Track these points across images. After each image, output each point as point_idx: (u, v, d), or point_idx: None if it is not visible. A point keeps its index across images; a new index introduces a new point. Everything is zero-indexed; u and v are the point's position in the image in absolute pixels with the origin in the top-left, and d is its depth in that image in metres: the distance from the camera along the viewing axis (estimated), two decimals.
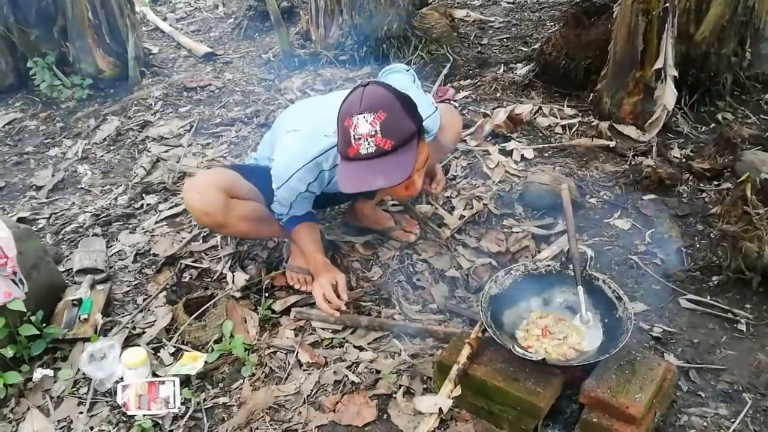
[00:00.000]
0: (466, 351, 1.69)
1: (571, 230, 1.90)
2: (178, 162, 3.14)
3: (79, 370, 2.01)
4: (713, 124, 3.19)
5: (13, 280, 1.98)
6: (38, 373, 2.00)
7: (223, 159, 3.15)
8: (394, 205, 2.67)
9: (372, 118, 1.60)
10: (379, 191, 2.16)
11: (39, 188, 3.09)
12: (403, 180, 1.65)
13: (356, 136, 1.62)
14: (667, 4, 2.91)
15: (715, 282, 2.21)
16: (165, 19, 5.18)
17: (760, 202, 2.13)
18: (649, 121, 3.09)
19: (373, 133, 1.60)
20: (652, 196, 2.68)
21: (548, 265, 1.94)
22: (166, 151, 3.27)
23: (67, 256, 2.55)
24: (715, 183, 2.74)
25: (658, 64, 3.00)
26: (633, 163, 2.92)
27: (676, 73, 3.03)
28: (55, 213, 2.88)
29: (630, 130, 3.12)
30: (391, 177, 1.64)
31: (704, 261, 2.30)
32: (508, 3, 5.20)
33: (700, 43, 3.17)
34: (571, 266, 1.87)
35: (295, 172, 1.96)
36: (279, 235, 2.34)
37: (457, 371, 1.65)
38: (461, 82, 3.80)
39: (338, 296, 2.07)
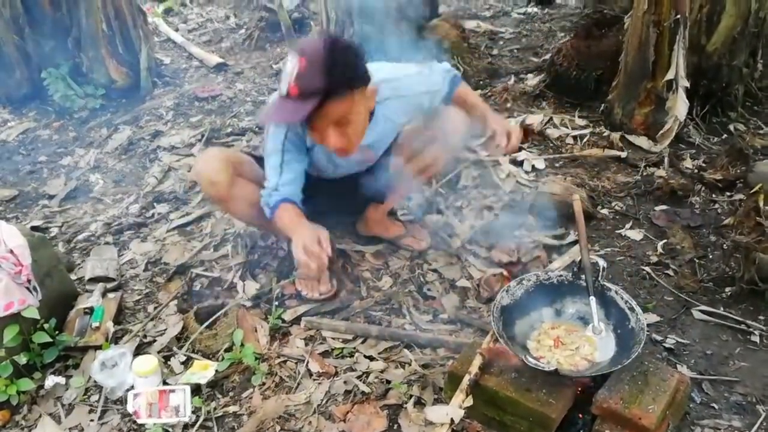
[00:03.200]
0: (477, 361, 1.68)
1: (583, 240, 1.89)
2: (189, 171, 3.16)
3: (90, 377, 2.02)
4: (725, 135, 3.18)
5: (28, 288, 2.00)
6: (50, 381, 2.00)
7: None
8: (404, 214, 2.67)
9: (295, 61, 1.72)
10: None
11: (51, 197, 3.11)
12: (285, 119, 1.86)
13: (283, 72, 1.77)
14: (678, 16, 2.92)
15: (729, 293, 2.20)
16: (177, 30, 5.25)
17: None
18: (661, 131, 3.09)
19: (290, 74, 1.73)
20: (664, 207, 2.66)
21: (560, 275, 1.93)
22: (178, 161, 3.30)
23: (79, 264, 2.57)
24: (728, 194, 2.72)
25: (670, 75, 3.00)
26: (645, 173, 2.91)
27: (687, 84, 3.02)
28: (68, 222, 2.90)
29: (642, 141, 3.12)
30: (281, 116, 1.82)
31: (717, 272, 2.28)
32: (518, 14, 5.22)
33: (712, 54, 3.17)
34: (583, 276, 1.86)
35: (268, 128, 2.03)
36: (268, 226, 2.28)
37: (468, 381, 1.65)
38: None
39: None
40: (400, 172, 2.25)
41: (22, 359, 1.97)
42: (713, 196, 2.72)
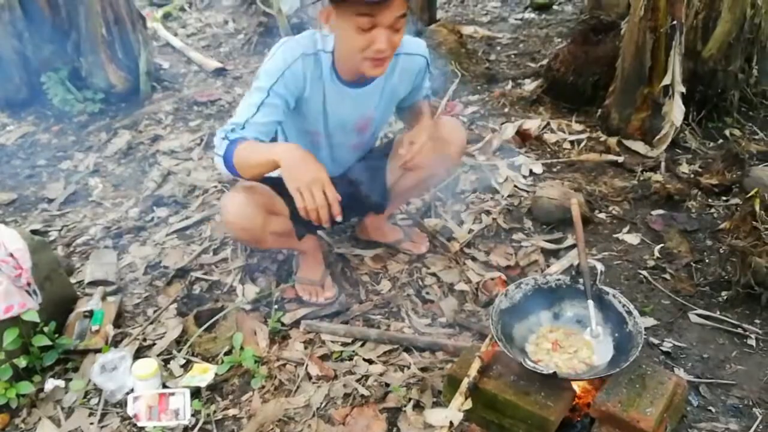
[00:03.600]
0: (476, 364, 1.69)
1: (581, 244, 1.91)
2: (188, 175, 3.17)
3: (90, 381, 2.02)
4: (721, 140, 3.21)
5: (28, 291, 2.00)
6: (50, 384, 2.01)
7: None
8: (402, 219, 2.69)
9: None
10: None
11: (51, 201, 3.11)
12: None
13: None
14: (675, 22, 2.95)
15: (725, 297, 2.22)
16: (176, 35, 5.25)
17: None
18: (658, 136, 3.11)
19: None
20: (661, 211, 2.69)
21: (558, 279, 1.95)
22: (177, 165, 3.30)
23: (79, 268, 2.57)
24: (724, 198, 2.74)
25: (666, 81, 3.03)
26: (642, 178, 2.93)
27: (683, 90, 3.05)
28: (67, 225, 2.90)
29: (638, 146, 3.15)
30: None
31: (713, 276, 2.30)
32: (515, 20, 5.24)
33: (708, 60, 3.20)
34: (580, 280, 1.88)
35: (281, 44, 1.88)
36: (296, 246, 2.31)
37: (467, 384, 1.66)
38: (469, 97, 3.84)
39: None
40: (398, 182, 2.26)
41: (22, 362, 1.97)
42: (709, 200, 2.75)
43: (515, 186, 2.87)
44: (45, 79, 3.90)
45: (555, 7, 5.49)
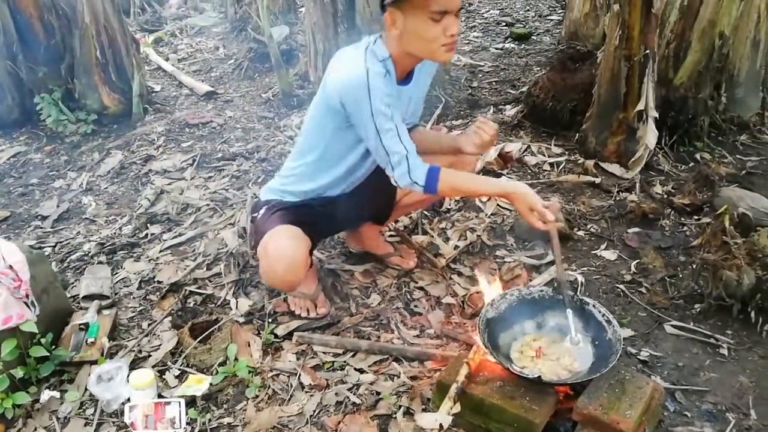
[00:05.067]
0: (464, 370, 1.78)
1: (558, 257, 1.97)
2: (181, 194, 3.24)
3: (85, 391, 2.06)
4: (692, 163, 3.37)
5: (26, 303, 2.04)
6: (45, 395, 2.04)
7: (225, 191, 3.26)
8: (391, 236, 2.78)
9: None
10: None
11: (44, 218, 3.16)
12: None
13: None
14: (648, 51, 3.10)
15: (698, 309, 2.33)
16: (167, 59, 5.35)
17: (738, 233, 2.27)
18: (632, 159, 3.25)
19: None
20: (637, 229, 2.81)
21: (541, 291, 2.05)
22: (170, 184, 3.37)
23: (73, 283, 2.62)
24: (695, 217, 2.88)
25: (640, 106, 3.18)
26: (618, 198, 3.07)
27: (656, 115, 3.20)
28: (61, 242, 2.95)
29: (614, 168, 3.28)
30: None
31: (687, 290, 2.42)
32: (496, 49, 5.44)
33: (679, 88, 3.38)
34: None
35: (366, 73, 1.88)
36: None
37: (456, 389, 1.74)
38: (453, 122, 3.97)
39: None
40: (408, 194, 2.38)
41: (19, 373, 2.01)
42: (682, 219, 2.88)
43: (498, 205, 2.98)
44: (39, 101, 3.97)
45: (534, 37, 5.70)
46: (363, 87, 1.87)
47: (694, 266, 2.41)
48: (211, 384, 2.06)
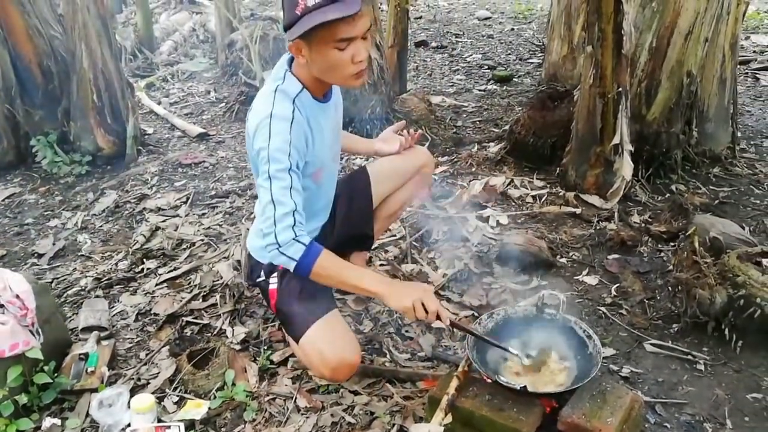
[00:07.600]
0: (454, 383, 1.86)
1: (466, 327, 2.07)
2: (176, 230, 3.33)
3: (86, 418, 2.11)
4: (668, 194, 3.53)
5: (31, 331, 2.11)
6: (47, 422, 2.09)
7: (219, 227, 3.35)
8: (381, 265, 2.88)
9: None
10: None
11: (40, 256, 3.22)
12: (342, 12, 1.71)
13: None
14: (620, 89, 3.30)
15: (676, 329, 2.45)
16: (159, 103, 5.50)
17: (709, 255, 2.40)
18: (611, 190, 3.41)
19: None
20: (617, 256, 2.95)
21: (526, 310, 2.15)
22: (164, 221, 3.46)
23: (71, 317, 2.67)
24: (672, 244, 3.02)
25: (615, 140, 3.35)
26: (598, 227, 3.21)
27: (631, 148, 3.38)
28: (57, 278, 3.01)
29: (594, 199, 3.44)
30: (337, 10, 1.72)
31: (665, 311, 2.54)
32: (479, 90, 5.67)
33: (652, 123, 3.57)
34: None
35: (270, 116, 1.85)
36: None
37: (447, 401, 1.82)
38: (439, 158, 4.13)
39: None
40: (383, 206, 2.52)
41: (23, 399, 2.06)
42: (659, 246, 3.03)
43: (484, 235, 3.11)
44: (35, 143, 4.07)
45: (515, 79, 5.96)
46: (265, 128, 1.85)
47: (669, 285, 2.53)
48: (209, 408, 2.12)
